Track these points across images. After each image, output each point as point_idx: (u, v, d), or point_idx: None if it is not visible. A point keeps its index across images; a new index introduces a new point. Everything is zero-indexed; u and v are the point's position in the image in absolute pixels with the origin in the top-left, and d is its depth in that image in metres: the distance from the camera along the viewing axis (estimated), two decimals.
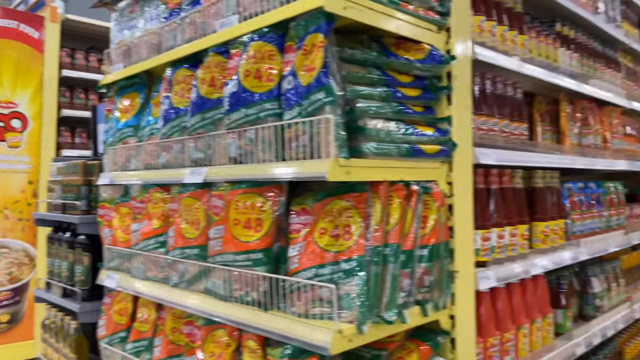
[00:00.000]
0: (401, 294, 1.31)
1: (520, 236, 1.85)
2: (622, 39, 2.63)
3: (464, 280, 1.49)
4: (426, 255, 1.37)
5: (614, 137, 2.62)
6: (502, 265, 1.73)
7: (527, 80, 1.98)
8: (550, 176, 2.07)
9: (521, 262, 1.81)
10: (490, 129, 1.72)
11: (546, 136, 2.23)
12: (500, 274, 1.68)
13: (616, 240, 2.55)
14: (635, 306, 2.71)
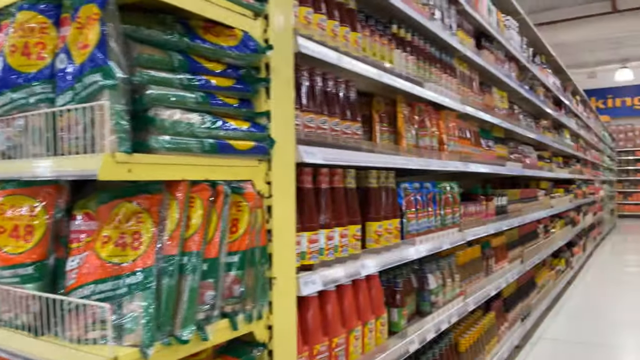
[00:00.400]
0: (203, 308, 1.16)
1: (351, 237, 1.81)
2: (457, 46, 2.78)
3: (282, 286, 1.39)
4: (236, 262, 1.24)
5: (450, 140, 2.76)
6: (330, 267, 1.67)
7: (362, 80, 1.96)
8: (385, 176, 2.08)
9: (352, 263, 1.77)
10: (319, 127, 1.65)
11: (384, 137, 2.25)
12: (328, 277, 1.62)
13: (451, 237, 2.68)
14: (469, 299, 2.88)
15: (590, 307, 5.29)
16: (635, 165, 17.18)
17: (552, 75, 5.75)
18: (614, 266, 7.71)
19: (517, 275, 3.91)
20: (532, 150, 4.80)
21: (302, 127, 1.57)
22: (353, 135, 1.85)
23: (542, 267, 5.30)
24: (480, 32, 3.41)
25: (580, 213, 7.70)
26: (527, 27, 4.59)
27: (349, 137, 1.79)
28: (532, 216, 4.43)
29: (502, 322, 3.58)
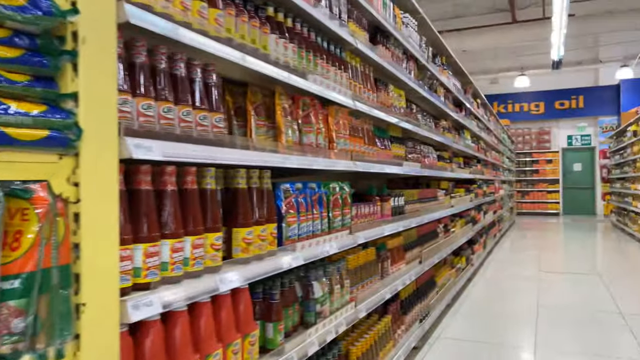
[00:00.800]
0: None
1: (209, 247, 1.56)
2: (347, 38, 2.61)
3: (96, 314, 1.11)
4: (16, 288, 0.94)
5: (340, 137, 2.59)
6: (176, 285, 1.41)
7: (225, 65, 1.71)
8: (258, 176, 1.85)
9: (208, 278, 1.52)
10: (162, 116, 1.38)
11: (260, 131, 2.01)
12: (172, 297, 1.35)
13: (340, 241, 2.51)
14: (360, 305, 2.73)
15: (489, 303, 5.43)
16: (532, 166, 18.47)
17: (452, 77, 5.86)
18: (513, 262, 8.10)
19: (416, 276, 3.87)
20: (432, 150, 4.82)
21: (135, 115, 1.29)
22: (213, 127, 1.59)
23: (443, 266, 5.36)
24: (376, 27, 3.30)
25: (480, 212, 8.00)
26: (426, 27, 4.59)
27: (205, 129, 1.54)
28: (431, 216, 4.42)
29: (399, 325, 3.50)
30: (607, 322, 4.65)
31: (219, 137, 1.58)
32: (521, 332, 4.42)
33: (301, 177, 2.77)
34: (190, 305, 1.48)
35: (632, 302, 5.36)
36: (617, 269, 7.41)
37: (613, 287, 6.10)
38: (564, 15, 10.56)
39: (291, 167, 1.98)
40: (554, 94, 17.90)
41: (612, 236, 11.64)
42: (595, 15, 13.61)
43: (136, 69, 1.32)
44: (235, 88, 2.05)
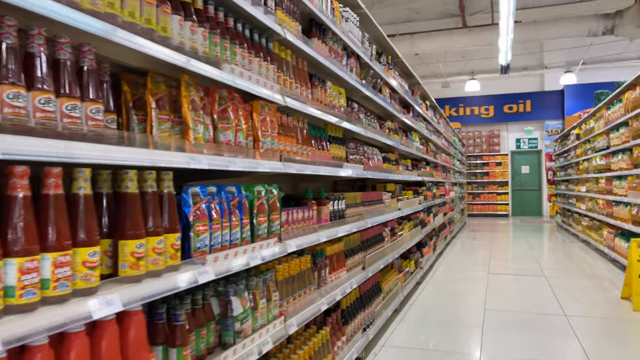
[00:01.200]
0: None
1: (81, 264, 1.28)
2: (273, 27, 2.38)
3: None
4: None
5: (267, 136, 2.35)
6: (28, 314, 1.13)
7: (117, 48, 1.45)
8: (154, 178, 1.59)
9: (76, 304, 1.25)
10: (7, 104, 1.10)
11: (164, 127, 1.75)
12: (17, 332, 1.07)
13: (266, 250, 2.27)
14: (291, 320, 2.50)
15: (437, 308, 5.32)
16: (483, 168, 18.85)
17: (399, 77, 5.74)
18: (462, 264, 8.09)
19: (358, 283, 3.67)
20: (378, 152, 4.66)
21: None
22: (88, 120, 1.32)
23: (390, 271, 5.21)
24: (311, 19, 3.09)
25: (430, 214, 7.95)
26: (370, 24, 4.43)
27: (75, 122, 1.26)
28: (376, 219, 4.25)
29: (338, 336, 3.29)
30: (552, 325, 4.62)
31: (96, 132, 1.31)
32: (468, 338, 4.31)
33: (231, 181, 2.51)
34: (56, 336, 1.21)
35: (575, 304, 5.39)
36: (562, 269, 7.52)
37: (558, 288, 6.14)
38: (510, 21, 10.75)
39: (199, 168, 1.72)
40: (503, 98, 18.35)
41: (558, 236, 11.94)
42: (540, 22, 14.00)
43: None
44: (134, 77, 1.78)
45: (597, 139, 9.14)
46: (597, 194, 9.02)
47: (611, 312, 5.05)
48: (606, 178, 8.42)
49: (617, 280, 6.49)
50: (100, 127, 1.35)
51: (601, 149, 8.73)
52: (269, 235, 2.34)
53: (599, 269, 7.47)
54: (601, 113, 8.95)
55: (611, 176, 8.03)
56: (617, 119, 7.51)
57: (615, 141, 7.68)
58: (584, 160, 10.60)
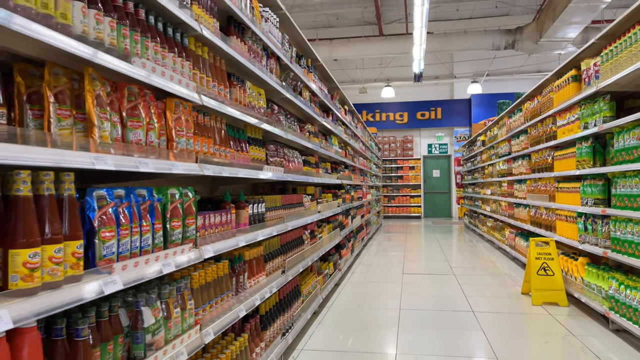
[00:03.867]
0: None
1: None
2: (189, 22, 2.27)
3: None
4: None
5: (181, 136, 2.23)
6: None
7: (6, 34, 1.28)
8: (51, 180, 1.43)
9: None
10: None
11: (65, 123, 1.59)
12: None
13: (180, 257, 2.16)
14: (207, 329, 2.39)
15: (354, 309, 5.40)
16: (397, 172, 19.58)
17: (318, 81, 5.78)
18: (378, 265, 8.31)
19: (278, 287, 3.62)
20: (298, 155, 4.64)
21: None
22: None
23: (309, 274, 5.22)
24: (229, 17, 3.00)
25: (349, 216, 8.09)
26: (290, 26, 4.41)
27: None
28: (296, 222, 4.23)
29: (257, 343, 3.21)
30: (461, 321, 4.86)
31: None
32: (384, 337, 4.41)
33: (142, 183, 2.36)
34: None
35: (481, 300, 5.72)
36: (469, 267, 7.96)
37: (465, 285, 6.50)
38: (423, 32, 11.27)
39: (104, 169, 1.59)
40: (416, 105, 19.20)
41: (465, 237, 12.67)
42: (450, 34, 14.83)
43: None
44: (30, 68, 1.60)
45: (500, 146, 9.81)
46: (500, 196, 9.68)
47: (513, 307, 5.42)
48: (508, 182, 9.06)
49: (517, 277, 7.00)
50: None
51: (504, 155, 9.39)
52: (184, 241, 2.22)
53: (501, 266, 8.01)
54: (504, 121, 9.62)
55: (512, 180, 8.65)
56: (518, 127, 8.11)
57: (516, 147, 8.29)
58: (488, 165, 11.35)
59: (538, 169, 6.83)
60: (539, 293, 5.49)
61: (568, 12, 10.94)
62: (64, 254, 1.43)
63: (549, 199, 6.27)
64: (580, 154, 5.06)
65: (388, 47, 15.44)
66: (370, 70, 18.69)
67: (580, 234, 5.11)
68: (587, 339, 4.25)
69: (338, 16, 16.44)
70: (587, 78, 5.00)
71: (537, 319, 4.93)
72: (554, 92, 6.11)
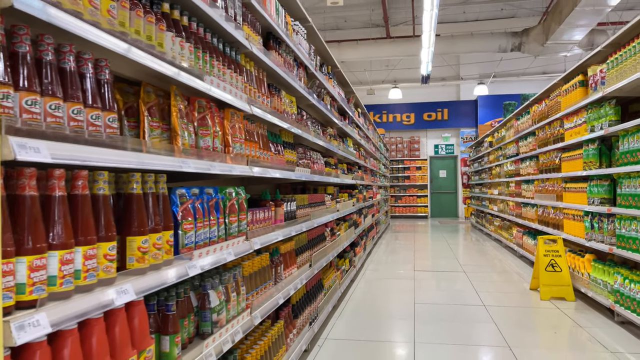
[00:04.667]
0: None
1: (103, 257, 1.43)
2: (243, 41, 2.58)
3: None
4: None
5: (236, 141, 2.54)
6: (67, 301, 1.26)
7: (125, 61, 1.59)
8: (153, 181, 1.74)
9: (102, 292, 1.39)
10: (50, 114, 1.24)
11: (155, 134, 1.90)
12: (61, 315, 1.21)
13: (237, 247, 2.46)
14: (256, 312, 2.70)
15: (371, 303, 5.70)
16: (404, 172, 19.86)
17: (337, 86, 6.08)
18: (390, 263, 8.60)
19: (306, 279, 3.92)
20: (320, 156, 4.94)
21: (18, 111, 1.14)
22: (106, 127, 1.47)
23: (329, 269, 5.52)
24: (269, 33, 3.30)
25: (361, 215, 8.39)
26: (314, 36, 4.71)
27: (97, 129, 1.41)
28: (320, 220, 4.53)
29: (290, 329, 3.52)
30: (474, 314, 5.15)
31: (113, 139, 1.46)
32: (401, 328, 4.71)
33: (190, 183, 2.67)
34: (80, 322, 1.34)
35: (492, 295, 6.01)
36: (478, 265, 8.25)
37: (476, 282, 6.78)
38: (432, 35, 11.55)
39: (189, 171, 1.90)
40: (423, 106, 19.48)
41: (473, 236, 12.94)
42: (457, 37, 15.09)
43: (19, 59, 1.17)
44: (125, 87, 1.91)
45: (508, 147, 10.09)
46: (508, 196, 9.96)
47: (522, 301, 5.70)
48: (516, 182, 9.33)
49: (525, 274, 7.28)
50: (116, 135, 1.49)
51: (511, 156, 9.67)
52: (239, 234, 2.53)
53: (509, 264, 8.29)
54: (511, 123, 9.90)
55: (520, 180, 8.93)
56: (526, 129, 8.39)
57: (524, 149, 8.57)
58: (496, 166, 11.62)
59: (546, 169, 7.10)
60: (547, 288, 5.76)
61: (574, 16, 11.19)
62: (162, 241, 1.74)
63: (557, 198, 6.55)
64: (587, 156, 5.34)
65: (395, 49, 15.71)
66: (378, 72, 18.98)
67: (587, 231, 5.39)
68: (594, 330, 4.53)
69: (346, 19, 16.74)
70: (593, 84, 5.28)
71: (546, 312, 5.21)
72: (561, 96, 6.39)
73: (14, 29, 1.18)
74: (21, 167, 1.16)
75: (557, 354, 3.95)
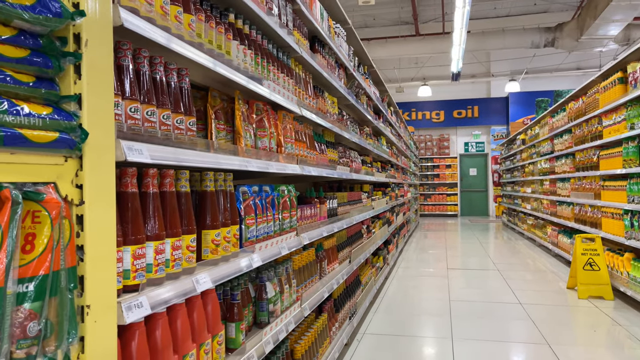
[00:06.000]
0: None
1: (186, 248, 1.58)
2: (294, 46, 2.71)
3: (99, 316, 1.11)
4: (32, 291, 0.93)
5: (287, 142, 2.67)
6: (160, 286, 1.41)
7: (195, 69, 1.74)
8: (223, 179, 1.88)
9: (186, 280, 1.54)
10: (146, 119, 1.39)
11: (221, 135, 2.05)
12: (158, 299, 1.36)
13: (289, 242, 2.60)
14: (305, 304, 2.83)
15: (406, 300, 5.78)
16: (433, 171, 19.77)
17: (372, 86, 6.18)
18: (422, 261, 8.65)
19: (347, 275, 4.04)
20: (357, 155, 5.05)
21: (124, 117, 1.29)
22: (187, 130, 1.61)
23: (365, 265, 5.62)
24: (314, 36, 3.43)
25: (394, 213, 8.46)
26: (353, 37, 4.82)
27: (181, 132, 1.56)
28: (358, 217, 4.64)
29: (333, 322, 3.64)
30: (510, 312, 5.18)
31: (193, 141, 1.61)
32: (438, 324, 4.78)
33: (245, 181, 2.81)
34: (167, 308, 1.49)
35: (528, 294, 6.01)
36: (512, 264, 8.22)
37: (510, 280, 6.78)
38: (463, 32, 11.49)
39: (251, 170, 2.03)
40: (453, 103, 19.34)
41: (504, 235, 12.83)
42: (488, 33, 14.94)
43: (123, 72, 1.32)
44: (194, 92, 2.06)
45: (542, 144, 9.98)
46: (542, 194, 9.86)
47: (559, 300, 5.69)
48: (550, 180, 9.24)
49: (561, 273, 7.23)
50: (195, 138, 1.64)
51: (546, 154, 9.57)
52: (290, 229, 2.66)
53: (544, 263, 8.23)
54: (545, 120, 9.79)
55: (555, 178, 8.84)
56: (561, 126, 8.30)
57: (559, 146, 8.48)
58: (529, 164, 11.50)
59: (583, 167, 7.04)
60: (585, 287, 5.74)
61: (609, 11, 10.98)
62: (231, 235, 1.88)
63: (595, 196, 6.49)
64: (627, 154, 5.29)
65: (425, 46, 15.66)
66: (407, 69, 18.93)
67: (627, 230, 5.35)
68: (633, 328, 4.51)
69: (375, 17, 16.76)
70: (633, 81, 5.23)
71: (584, 311, 5.20)
72: (599, 93, 6.32)
73: (119, 45, 1.33)
74: (124, 167, 1.32)
75: (596, 352, 3.96)
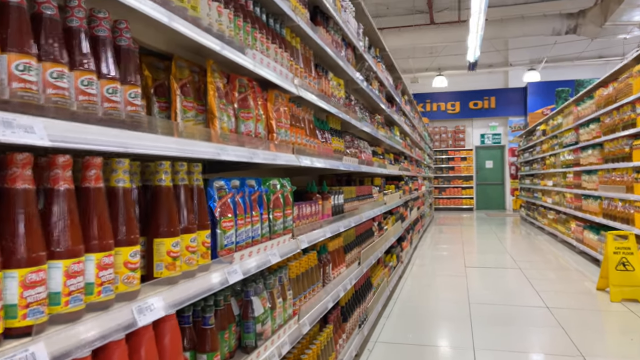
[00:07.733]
0: None
1: (123, 265, 1.15)
2: (289, 12, 2.27)
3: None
4: None
5: (280, 127, 2.23)
6: (73, 324, 0.99)
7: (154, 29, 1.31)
8: (186, 170, 1.45)
9: (121, 309, 1.11)
10: (52, 84, 0.96)
11: (189, 115, 1.61)
12: (65, 344, 0.93)
13: (282, 247, 2.16)
14: (304, 319, 2.40)
15: (423, 302, 5.33)
16: (448, 163, 19.18)
17: (385, 71, 5.70)
18: (438, 258, 8.17)
19: (356, 279, 3.61)
20: (367, 145, 4.59)
21: (5, 78, 0.86)
22: (127, 105, 1.18)
23: (377, 266, 5.18)
24: (316, 7, 2.98)
25: (407, 208, 7.98)
26: (362, 15, 4.35)
27: (115, 106, 1.12)
28: (368, 214, 4.20)
29: (340, 334, 3.21)
30: (537, 317, 4.70)
31: (135, 118, 1.17)
32: (458, 331, 4.32)
33: (225, 174, 2.38)
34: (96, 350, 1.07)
35: (555, 296, 5.51)
36: (534, 261, 7.70)
37: (534, 280, 6.28)
38: (481, 19, 10.90)
39: (227, 159, 1.60)
40: (468, 94, 18.71)
41: (523, 229, 12.27)
42: (506, 20, 14.30)
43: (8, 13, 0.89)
44: (155, 61, 1.63)
45: (565, 135, 9.40)
46: (565, 188, 9.29)
47: (590, 303, 5.19)
48: (574, 173, 8.67)
49: (587, 272, 6.70)
50: (138, 114, 1.21)
51: (570, 145, 8.99)
52: (284, 231, 2.23)
53: (568, 261, 7.70)
54: (570, 109, 9.20)
55: (580, 171, 8.28)
56: (588, 115, 7.73)
57: (585, 137, 7.92)
58: (550, 155, 10.91)
59: (612, 159, 6.49)
60: (618, 289, 5.23)
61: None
62: (197, 243, 1.46)
63: (626, 190, 5.95)
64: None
65: (440, 35, 15.07)
66: (421, 59, 18.33)
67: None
68: None
69: (388, 5, 16.18)
70: None
71: (618, 316, 4.70)
72: (633, 77, 5.77)
73: None
74: (11, 153, 0.89)
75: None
